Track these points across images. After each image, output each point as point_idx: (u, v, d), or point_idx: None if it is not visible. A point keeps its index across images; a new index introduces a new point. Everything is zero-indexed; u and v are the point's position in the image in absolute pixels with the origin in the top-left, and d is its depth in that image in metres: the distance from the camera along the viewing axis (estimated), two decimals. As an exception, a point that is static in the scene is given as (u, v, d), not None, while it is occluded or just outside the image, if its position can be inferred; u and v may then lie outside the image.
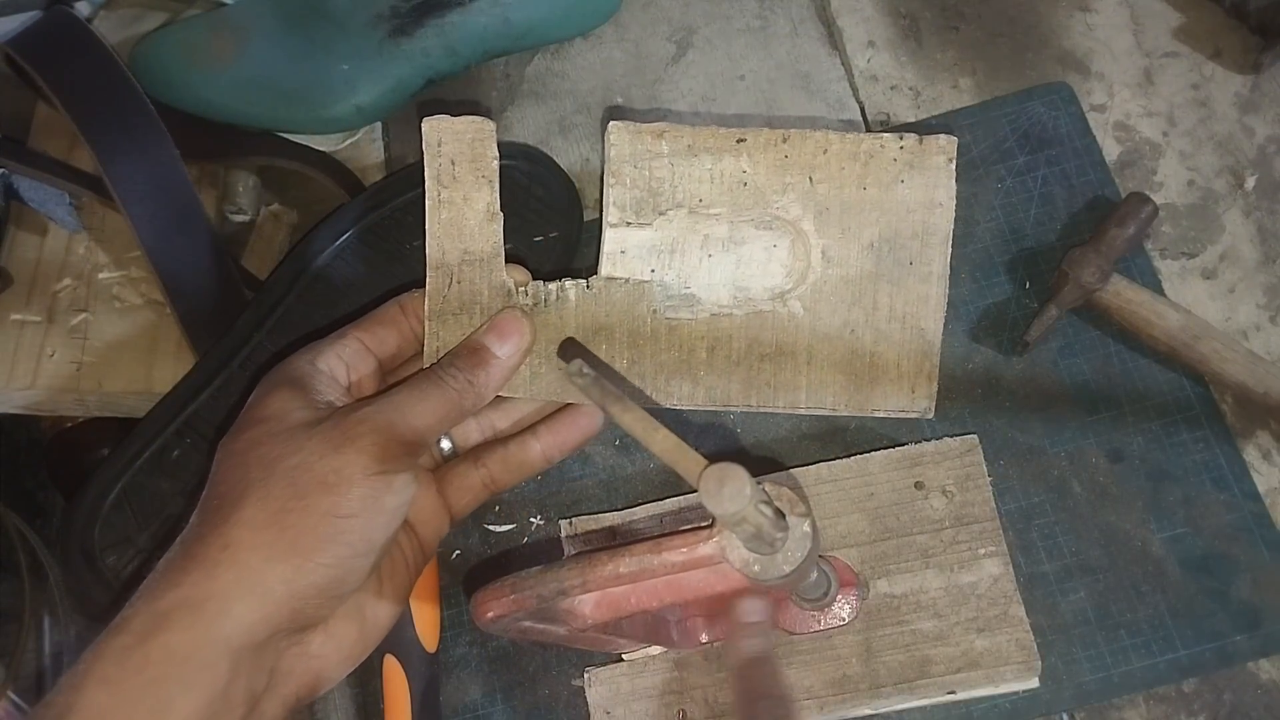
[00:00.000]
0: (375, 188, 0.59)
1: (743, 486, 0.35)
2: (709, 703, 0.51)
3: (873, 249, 0.51)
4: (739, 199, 0.51)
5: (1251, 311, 0.57)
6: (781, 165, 0.51)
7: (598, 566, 0.40)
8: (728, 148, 0.51)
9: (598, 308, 0.50)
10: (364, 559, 0.42)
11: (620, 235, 0.51)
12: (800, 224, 0.51)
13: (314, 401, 0.44)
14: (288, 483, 0.41)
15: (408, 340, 0.50)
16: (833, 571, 0.50)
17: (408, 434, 0.43)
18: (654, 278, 0.51)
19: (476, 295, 0.50)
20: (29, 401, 0.59)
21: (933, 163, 0.51)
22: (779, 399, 0.51)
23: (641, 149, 0.51)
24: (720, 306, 0.51)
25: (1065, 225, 0.59)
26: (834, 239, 0.51)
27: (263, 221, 0.65)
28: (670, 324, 0.51)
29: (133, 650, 0.37)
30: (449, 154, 0.50)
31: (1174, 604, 0.51)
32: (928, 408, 0.51)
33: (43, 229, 0.63)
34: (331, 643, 0.43)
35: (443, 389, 0.46)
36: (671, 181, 0.51)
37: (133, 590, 0.40)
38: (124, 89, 0.58)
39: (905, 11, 0.66)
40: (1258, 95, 0.61)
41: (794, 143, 0.51)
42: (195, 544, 0.40)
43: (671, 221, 0.51)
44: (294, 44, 0.61)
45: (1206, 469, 0.53)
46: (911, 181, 0.51)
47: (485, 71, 0.68)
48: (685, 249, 0.51)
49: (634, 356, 0.51)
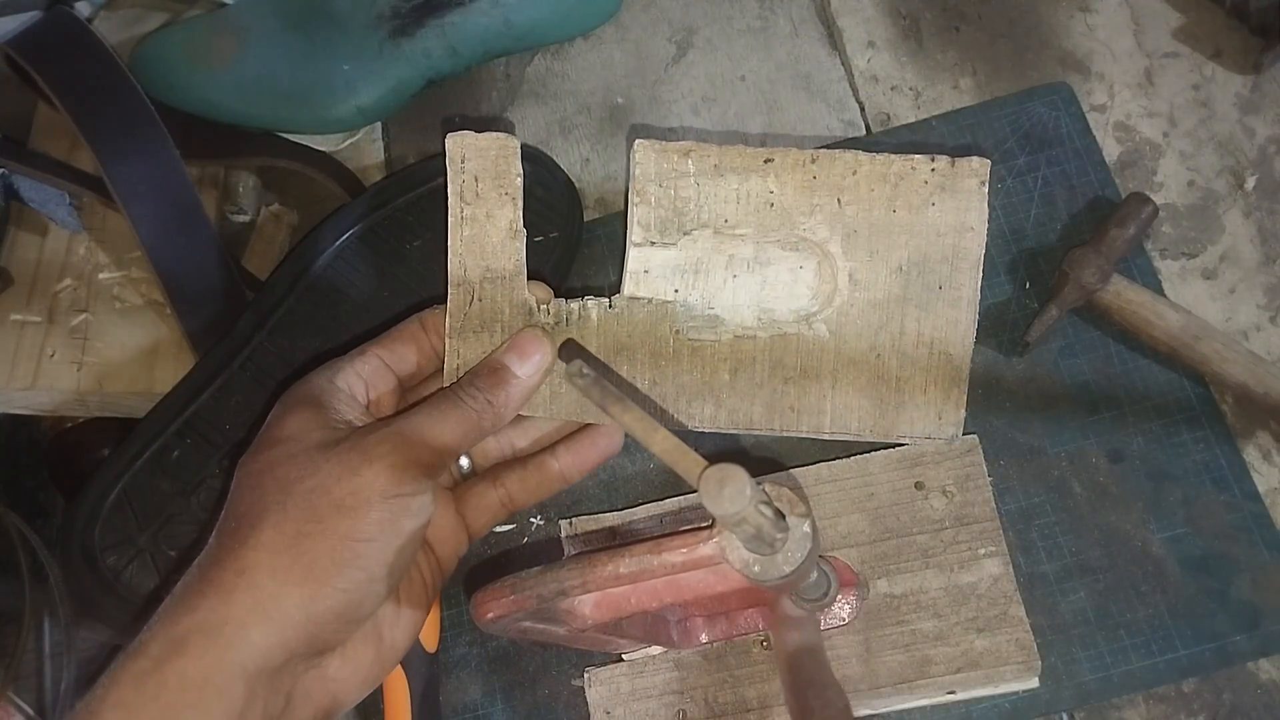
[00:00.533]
0: (376, 188, 0.59)
1: (743, 487, 0.35)
2: (709, 703, 0.51)
3: (901, 272, 0.50)
4: (765, 220, 0.50)
5: (1252, 312, 0.57)
6: (809, 186, 0.50)
7: (598, 567, 0.40)
8: (755, 168, 0.50)
9: (620, 327, 0.50)
10: (381, 583, 0.41)
11: (644, 254, 0.50)
12: (827, 246, 0.50)
13: (332, 421, 0.44)
14: (305, 506, 0.40)
15: (428, 357, 0.49)
16: (833, 571, 0.50)
17: (426, 455, 0.43)
18: (677, 298, 0.50)
19: (498, 313, 0.49)
20: (29, 401, 0.59)
21: (965, 185, 0.50)
22: (803, 423, 0.50)
23: (667, 168, 0.50)
24: (744, 328, 0.50)
25: (1065, 225, 0.59)
26: (862, 262, 0.50)
27: (263, 222, 0.65)
28: (693, 345, 0.50)
29: (149, 675, 0.37)
30: (472, 170, 0.49)
31: (1174, 604, 0.51)
32: (955, 434, 0.51)
33: (43, 229, 0.63)
34: (348, 666, 0.42)
35: (462, 409, 0.45)
36: (697, 201, 0.50)
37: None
38: (124, 89, 0.58)
39: (906, 12, 0.66)
40: (1258, 96, 0.61)
41: (822, 163, 0.50)
42: (211, 568, 0.40)
43: (696, 242, 0.50)
44: (295, 44, 0.61)
45: (1206, 469, 0.53)
46: (942, 204, 0.50)
47: (486, 72, 0.68)
48: (710, 269, 0.50)
49: (656, 377, 0.50)
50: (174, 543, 0.52)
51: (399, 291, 0.56)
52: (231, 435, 0.54)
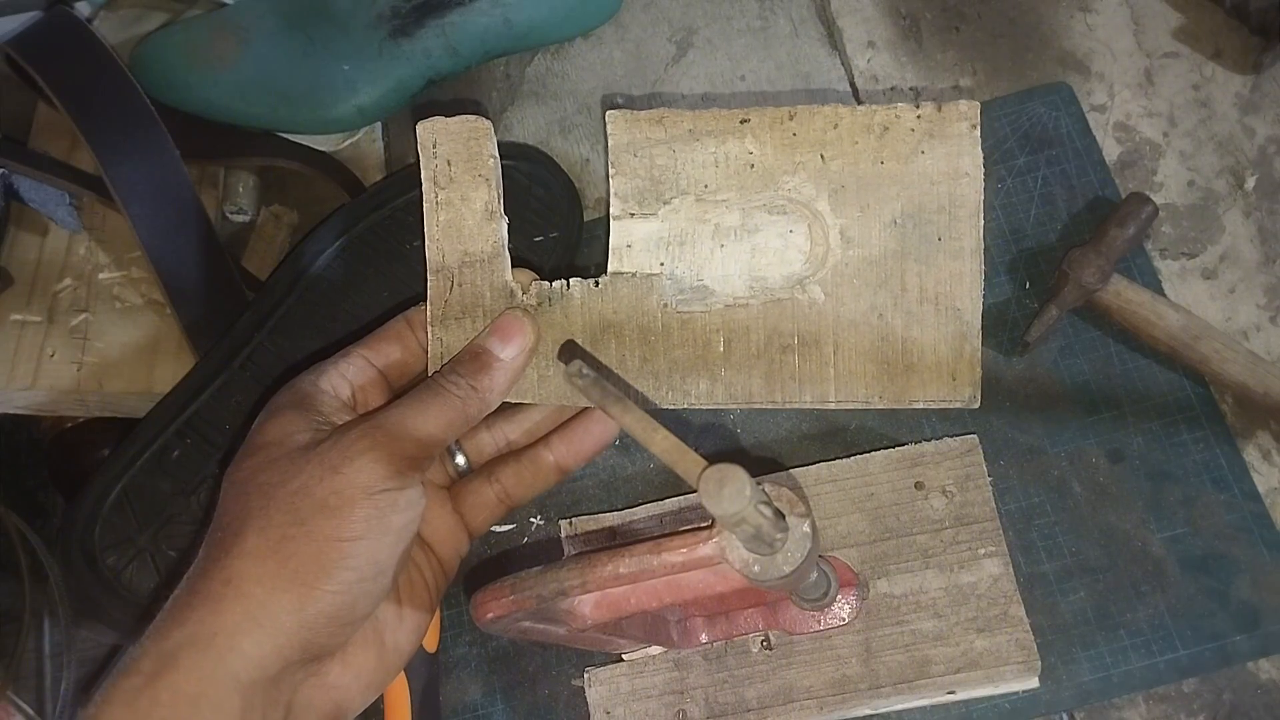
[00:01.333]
0: (376, 188, 0.59)
1: (742, 487, 0.35)
2: (709, 703, 0.51)
3: (896, 226, 0.48)
4: (747, 182, 0.49)
5: (1251, 312, 0.57)
6: (790, 144, 0.48)
7: (598, 567, 0.40)
8: (731, 129, 0.49)
9: (605, 304, 0.49)
10: (373, 582, 0.41)
11: (625, 228, 0.49)
12: (815, 204, 0.48)
13: (315, 423, 0.43)
14: (288, 509, 0.40)
15: (414, 355, 0.49)
16: (833, 571, 0.50)
17: (410, 447, 0.42)
18: (663, 270, 0.49)
19: (479, 298, 0.48)
20: (29, 401, 0.59)
21: (954, 130, 0.48)
22: (805, 393, 0.48)
23: (640, 136, 0.49)
24: (735, 297, 0.48)
25: (1065, 225, 0.59)
26: (852, 218, 0.48)
27: (263, 222, 0.65)
28: (682, 318, 0.48)
29: (141, 692, 0.37)
30: (444, 154, 0.48)
31: (1174, 604, 0.51)
32: (973, 395, 0.48)
33: (43, 229, 0.63)
34: (350, 672, 0.42)
35: (445, 397, 0.44)
36: (674, 168, 0.49)
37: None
38: (124, 89, 0.58)
39: (905, 12, 0.66)
40: (1258, 95, 0.61)
41: (801, 119, 0.48)
42: (199, 579, 0.39)
43: (678, 211, 0.49)
44: (295, 44, 0.61)
45: (1206, 469, 0.53)
46: (933, 151, 0.48)
47: (486, 72, 0.68)
48: (696, 240, 0.49)
49: (646, 354, 0.49)
50: (174, 543, 0.52)
51: (399, 291, 0.56)
52: (231, 435, 0.54)
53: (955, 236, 0.48)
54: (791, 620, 0.51)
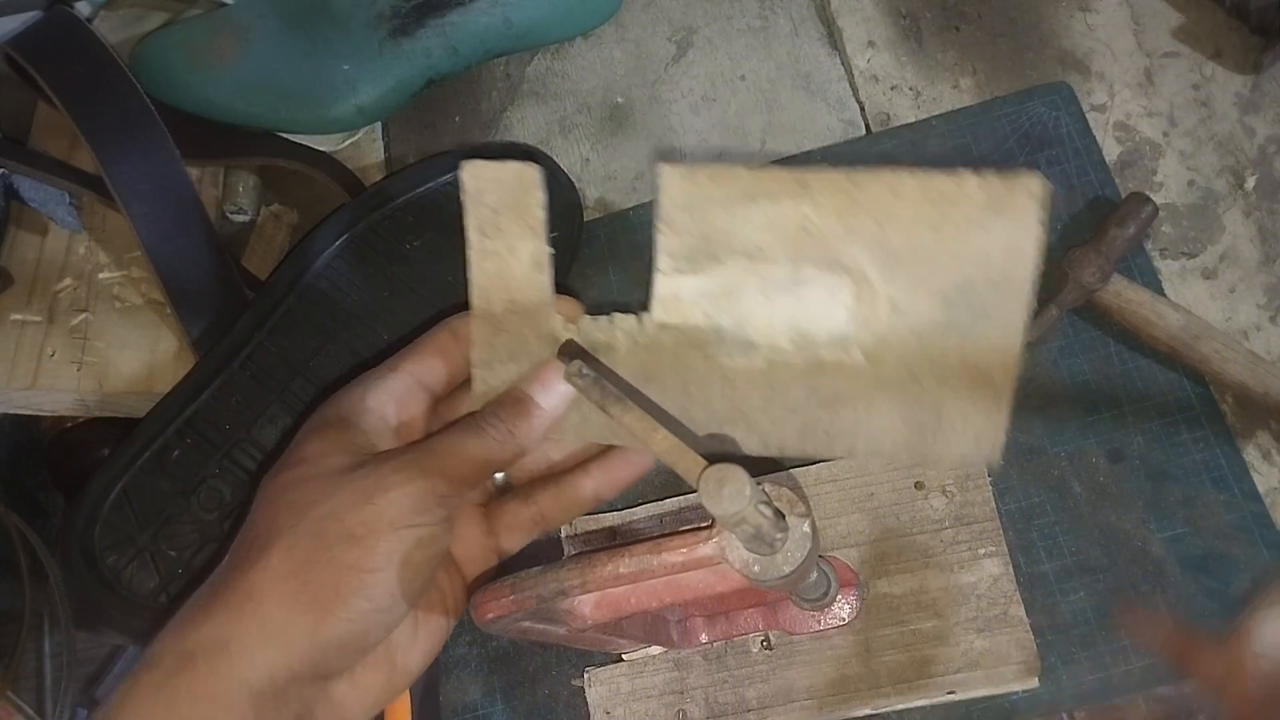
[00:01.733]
0: (376, 187, 0.59)
1: (742, 487, 0.35)
2: (709, 703, 0.51)
3: (944, 298, 0.47)
4: (801, 248, 0.47)
5: (1251, 311, 0.57)
6: (847, 210, 0.46)
7: (598, 567, 0.40)
8: (789, 192, 0.46)
9: (649, 356, 0.48)
10: (389, 613, 0.41)
11: (673, 282, 0.48)
12: (867, 271, 0.47)
13: (355, 445, 0.43)
14: (316, 532, 0.40)
15: (459, 367, 0.48)
16: (833, 571, 0.50)
17: (442, 485, 0.43)
18: (707, 323, 0.48)
19: (524, 344, 0.47)
20: (29, 401, 0.59)
21: (1017, 205, 0.46)
22: (836, 446, 0.48)
23: (695, 194, 0.47)
24: (778, 353, 0.47)
25: (1065, 225, 0.59)
26: (902, 287, 0.47)
27: (263, 221, 0.65)
28: (725, 372, 0.48)
29: (161, 687, 0.38)
30: (491, 204, 0.46)
31: (1174, 604, 0.51)
32: (992, 456, 0.47)
33: (43, 229, 0.63)
34: (355, 691, 0.42)
35: (483, 439, 0.44)
36: (728, 229, 0.47)
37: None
38: (124, 89, 0.58)
39: (905, 11, 0.66)
40: (1258, 95, 0.61)
41: (862, 185, 0.46)
42: (222, 586, 0.40)
43: (728, 269, 0.47)
44: (295, 44, 0.61)
45: (1206, 469, 0.53)
46: (992, 227, 0.46)
47: (486, 71, 0.68)
48: (742, 292, 0.47)
49: (685, 404, 0.48)
50: (174, 543, 0.52)
51: (399, 291, 0.56)
52: (231, 435, 0.54)
53: (1002, 313, 0.47)
54: (791, 620, 0.51)
